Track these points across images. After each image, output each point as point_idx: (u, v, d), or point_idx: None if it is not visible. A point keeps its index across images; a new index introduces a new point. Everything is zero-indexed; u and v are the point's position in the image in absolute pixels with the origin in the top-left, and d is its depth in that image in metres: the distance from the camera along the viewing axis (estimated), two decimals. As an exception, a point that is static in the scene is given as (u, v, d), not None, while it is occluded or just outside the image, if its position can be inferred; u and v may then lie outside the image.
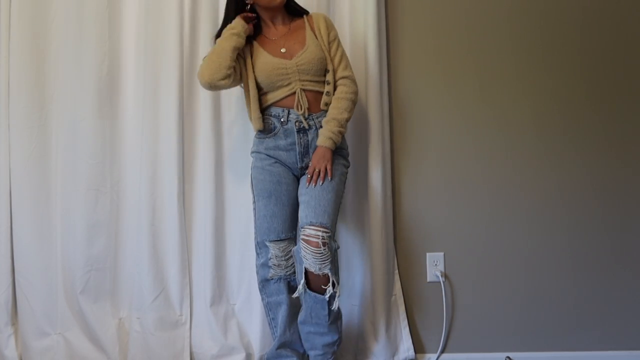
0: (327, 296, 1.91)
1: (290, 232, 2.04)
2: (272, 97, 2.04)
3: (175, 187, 2.24)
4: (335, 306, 1.94)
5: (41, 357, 2.24)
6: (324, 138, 1.98)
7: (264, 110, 2.06)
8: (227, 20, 2.04)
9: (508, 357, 2.30)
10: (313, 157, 2.00)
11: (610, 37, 2.36)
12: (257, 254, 2.07)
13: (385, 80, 2.31)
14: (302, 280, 1.92)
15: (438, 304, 2.33)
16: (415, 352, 2.30)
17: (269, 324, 2.11)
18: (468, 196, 2.35)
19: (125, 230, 2.31)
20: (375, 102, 2.25)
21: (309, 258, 1.88)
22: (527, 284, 2.34)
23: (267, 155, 2.05)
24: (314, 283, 1.92)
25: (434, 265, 2.34)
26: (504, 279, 2.34)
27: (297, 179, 2.07)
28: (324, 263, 1.87)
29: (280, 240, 2.01)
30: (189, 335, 2.25)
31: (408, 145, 2.36)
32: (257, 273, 2.08)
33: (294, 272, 2.02)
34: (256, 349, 2.24)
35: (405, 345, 2.29)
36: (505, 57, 2.36)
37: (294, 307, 2.05)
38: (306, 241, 1.89)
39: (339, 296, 1.93)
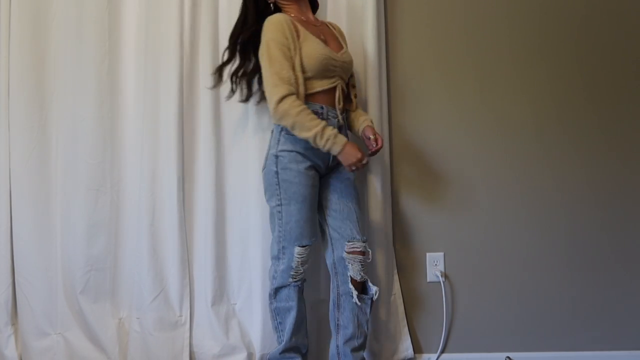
0: (374, 292, 2.02)
1: (315, 237, 2.03)
2: (315, 86, 1.97)
3: (175, 187, 2.24)
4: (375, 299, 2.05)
5: (41, 357, 2.24)
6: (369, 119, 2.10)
7: None
8: (246, 19, 2.01)
9: (508, 357, 2.30)
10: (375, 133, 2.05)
11: (609, 37, 2.37)
12: (278, 259, 2.00)
13: (384, 80, 2.31)
14: (352, 287, 1.98)
15: (438, 304, 2.33)
16: (415, 352, 2.31)
17: (275, 328, 2.06)
18: (468, 196, 2.35)
19: (125, 230, 2.30)
20: (374, 102, 2.25)
21: (355, 267, 1.99)
22: (527, 284, 2.34)
23: (304, 156, 1.96)
24: (356, 289, 2.00)
25: (434, 265, 2.34)
26: (504, 279, 2.34)
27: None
28: (366, 270, 2.01)
29: (309, 245, 1.99)
30: (188, 336, 2.25)
31: (407, 145, 2.36)
32: (274, 278, 2.01)
33: (304, 279, 2.03)
34: (257, 348, 2.24)
35: (405, 345, 2.29)
36: (504, 57, 2.37)
37: (302, 313, 2.04)
38: (353, 252, 1.99)
39: (378, 293, 2.04)
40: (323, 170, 2.04)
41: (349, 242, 2.00)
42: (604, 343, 2.32)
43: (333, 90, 2.01)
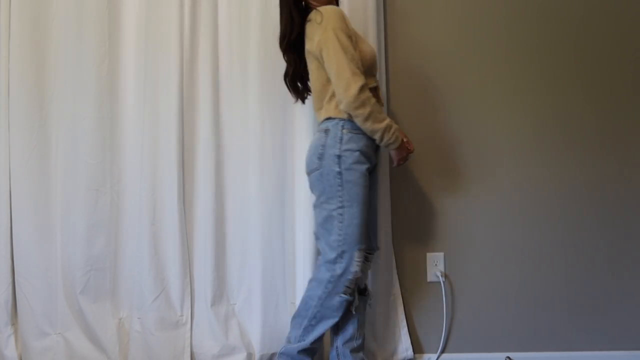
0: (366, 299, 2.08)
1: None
2: (368, 83, 1.93)
3: (175, 187, 2.24)
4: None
5: (41, 357, 2.23)
6: None
7: None
8: (293, 20, 1.96)
9: (508, 357, 2.30)
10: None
11: (605, 37, 2.37)
12: (335, 263, 1.90)
13: (384, 80, 2.31)
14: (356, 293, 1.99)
15: (438, 304, 2.33)
16: (415, 352, 2.31)
17: (300, 325, 1.97)
18: (468, 196, 2.35)
19: (125, 230, 2.30)
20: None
21: (364, 275, 2.06)
22: (527, 284, 2.34)
23: (365, 156, 1.92)
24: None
25: (434, 265, 2.34)
26: (504, 279, 2.34)
27: None
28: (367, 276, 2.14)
29: (364, 249, 1.94)
30: (189, 336, 2.25)
31: (408, 145, 2.36)
32: (329, 282, 1.91)
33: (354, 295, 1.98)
34: (257, 348, 2.24)
35: (404, 345, 2.29)
36: (503, 58, 2.37)
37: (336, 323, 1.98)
38: (367, 261, 2.05)
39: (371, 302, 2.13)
40: (371, 171, 2.02)
41: (368, 253, 2.03)
42: (604, 343, 2.32)
43: (376, 89, 2.01)
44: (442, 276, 2.33)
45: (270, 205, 2.26)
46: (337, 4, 2.12)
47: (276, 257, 2.27)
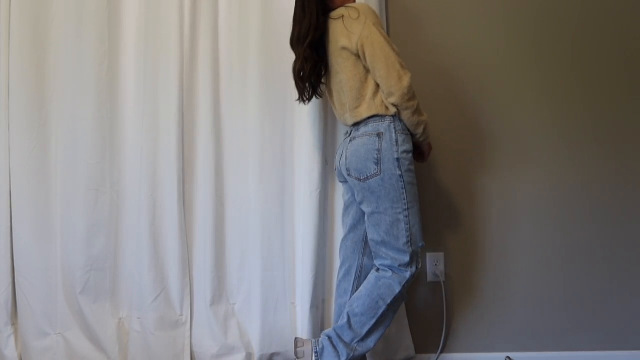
0: None
1: None
2: None
3: (175, 187, 2.24)
4: None
5: (41, 357, 2.23)
6: None
7: None
8: (318, 20, 1.93)
9: (508, 357, 2.30)
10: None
11: (603, 36, 2.37)
12: (409, 264, 1.91)
13: (385, 80, 2.31)
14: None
15: (438, 304, 2.33)
16: (415, 352, 2.31)
17: (367, 326, 1.93)
18: (468, 196, 2.35)
19: (125, 230, 2.30)
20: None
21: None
22: (527, 284, 2.34)
23: (412, 156, 1.95)
24: None
25: (434, 265, 2.34)
26: (504, 279, 2.34)
27: None
28: None
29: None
30: (189, 335, 2.25)
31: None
32: (407, 282, 1.93)
33: None
34: (256, 348, 2.24)
35: (405, 344, 2.29)
36: (503, 58, 2.37)
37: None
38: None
39: None
40: None
41: None
42: (604, 343, 2.33)
43: None
44: (442, 276, 2.33)
45: (270, 205, 2.26)
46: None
47: (276, 257, 2.27)
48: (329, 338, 1.94)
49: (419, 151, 2.07)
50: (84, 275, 2.27)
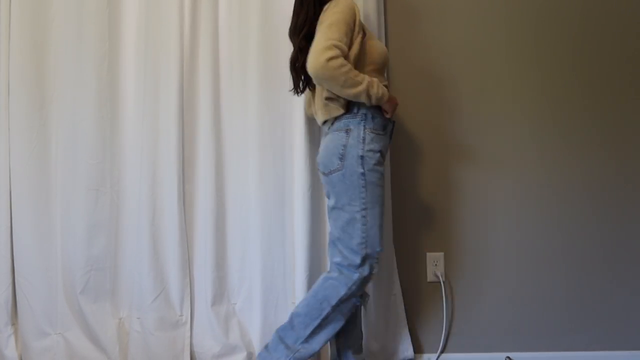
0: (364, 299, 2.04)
1: None
2: (380, 81, 1.92)
3: (175, 187, 2.24)
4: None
5: (41, 357, 2.23)
6: None
7: None
8: (314, 12, 1.91)
9: (508, 357, 2.30)
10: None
11: (603, 37, 2.37)
12: (358, 266, 1.88)
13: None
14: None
15: (438, 304, 2.33)
16: (415, 352, 2.31)
17: (310, 327, 1.89)
18: (468, 196, 2.35)
19: (125, 230, 2.30)
20: (375, 102, 2.26)
21: None
22: (527, 284, 2.34)
23: (383, 157, 1.92)
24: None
25: (434, 265, 2.34)
26: (504, 279, 2.34)
27: None
28: None
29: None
30: (189, 336, 2.25)
31: (407, 145, 2.36)
32: (350, 288, 1.88)
33: None
34: (257, 348, 2.24)
35: (405, 345, 2.29)
36: (502, 57, 2.37)
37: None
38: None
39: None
40: None
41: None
42: (603, 343, 2.33)
43: (386, 88, 1.99)
44: (442, 276, 2.33)
45: (270, 205, 2.26)
46: None
47: (276, 256, 2.27)
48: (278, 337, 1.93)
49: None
50: (84, 275, 2.27)
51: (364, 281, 1.90)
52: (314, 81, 1.87)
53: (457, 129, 2.36)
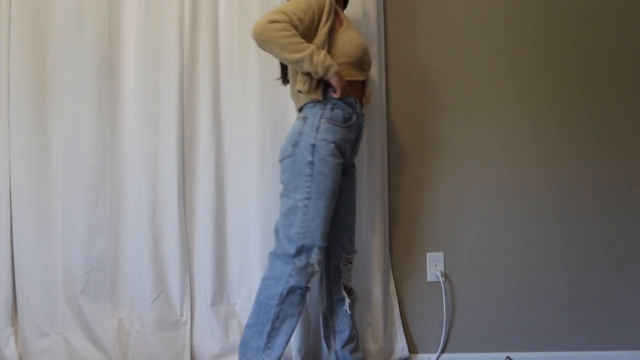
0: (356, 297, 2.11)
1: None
2: (351, 74, 1.90)
3: (175, 187, 2.24)
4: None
5: (41, 357, 2.23)
6: None
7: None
8: None
9: (508, 357, 2.30)
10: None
11: (603, 38, 2.37)
12: (293, 255, 1.83)
13: (384, 80, 2.32)
14: (346, 295, 2.04)
15: (438, 304, 2.33)
16: (416, 352, 2.31)
17: (264, 332, 1.85)
18: (468, 196, 2.35)
19: (125, 230, 2.30)
20: (374, 101, 2.26)
21: (347, 275, 2.05)
22: (527, 284, 2.34)
23: (340, 149, 1.86)
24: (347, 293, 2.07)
25: (434, 265, 2.34)
26: (504, 279, 2.34)
27: None
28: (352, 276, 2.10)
29: (324, 248, 1.87)
30: (189, 336, 2.25)
31: (407, 145, 2.36)
32: (290, 277, 1.83)
33: None
34: (256, 349, 2.24)
35: (400, 345, 2.30)
36: (503, 57, 2.37)
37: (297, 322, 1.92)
38: (347, 265, 2.04)
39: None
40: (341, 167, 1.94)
41: (347, 254, 2.03)
42: (604, 343, 2.33)
43: (362, 84, 1.97)
44: (442, 276, 2.33)
45: (270, 205, 2.26)
46: (345, 4, 2.12)
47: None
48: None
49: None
50: (84, 275, 2.27)
51: (302, 273, 1.83)
52: (257, 45, 1.80)
53: (457, 128, 2.36)
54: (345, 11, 2.27)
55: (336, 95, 1.86)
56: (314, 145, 1.83)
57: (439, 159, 2.36)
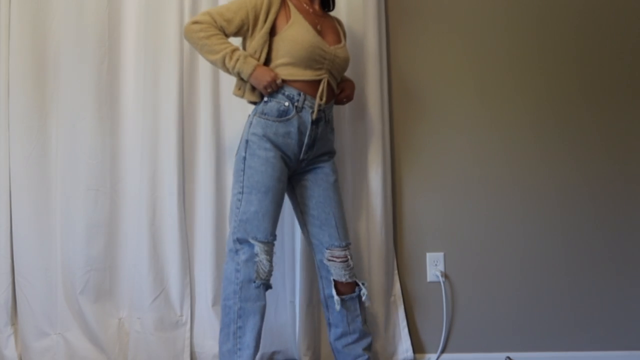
0: (361, 293, 2.00)
1: (275, 234, 1.91)
2: (294, 74, 1.88)
3: (175, 187, 2.24)
4: (366, 302, 2.03)
5: (41, 357, 2.23)
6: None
7: None
8: None
9: (508, 357, 2.30)
10: (350, 87, 2.06)
11: (604, 38, 2.37)
12: (236, 250, 1.86)
13: (385, 80, 2.31)
14: (334, 292, 1.96)
15: (438, 304, 2.33)
16: (415, 352, 2.31)
17: (230, 334, 1.86)
18: (468, 196, 2.35)
19: (125, 230, 2.30)
20: (375, 102, 2.26)
21: (338, 271, 1.96)
22: (527, 283, 2.34)
23: (273, 143, 1.86)
24: (342, 290, 1.98)
25: (434, 265, 2.34)
26: (504, 279, 2.34)
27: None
28: (351, 272, 1.98)
29: (268, 242, 1.86)
30: (189, 336, 2.25)
31: (408, 145, 2.36)
32: (237, 271, 1.85)
33: (271, 276, 1.90)
34: (257, 349, 2.24)
35: (404, 345, 2.29)
36: (503, 58, 2.37)
37: (263, 319, 1.90)
38: (333, 260, 1.96)
39: (364, 293, 2.01)
40: (293, 164, 1.93)
41: (327, 249, 1.96)
42: (604, 343, 2.32)
43: (318, 83, 1.91)
44: (442, 276, 2.33)
45: (270, 205, 2.26)
46: (333, 5, 2.10)
47: (277, 256, 2.26)
48: None
49: None
50: (83, 275, 2.27)
51: (248, 265, 1.84)
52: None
53: (457, 128, 2.36)
54: (345, 10, 2.28)
55: (265, 94, 1.88)
56: (247, 141, 1.88)
57: (439, 159, 2.36)
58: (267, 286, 1.89)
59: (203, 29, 1.84)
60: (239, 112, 2.30)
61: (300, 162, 1.95)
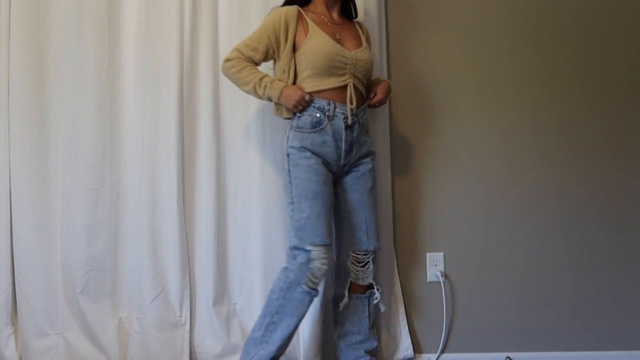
0: (374, 297, 2.07)
1: (331, 238, 1.97)
2: (320, 84, 1.95)
3: (175, 187, 2.24)
4: (374, 302, 2.07)
5: (41, 357, 2.23)
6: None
7: None
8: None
9: (508, 357, 2.30)
10: (383, 89, 2.07)
11: (604, 38, 2.37)
12: (293, 256, 1.92)
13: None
14: (347, 292, 2.04)
15: (438, 304, 2.33)
16: (415, 352, 2.31)
17: (264, 324, 1.93)
18: (468, 196, 2.35)
19: (125, 230, 2.30)
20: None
21: (358, 274, 2.05)
22: (527, 284, 2.34)
23: (313, 152, 1.94)
24: (355, 290, 2.07)
25: (434, 265, 2.34)
26: (504, 279, 2.34)
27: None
28: (370, 276, 2.06)
29: (325, 245, 1.90)
30: (188, 337, 2.25)
31: (408, 145, 2.36)
32: (290, 271, 1.90)
33: (319, 282, 1.94)
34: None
35: (404, 345, 2.29)
36: (503, 58, 2.37)
37: (298, 325, 1.95)
38: (357, 262, 2.04)
39: (377, 297, 2.07)
40: (336, 169, 2.00)
41: (353, 252, 2.04)
42: (604, 343, 2.33)
43: (345, 89, 1.97)
44: (442, 276, 2.33)
45: (270, 204, 2.26)
46: (355, 14, 2.12)
47: (277, 256, 2.26)
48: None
49: None
50: (84, 275, 2.27)
51: (302, 269, 1.89)
52: None
53: (457, 128, 2.36)
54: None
55: (297, 111, 1.96)
56: (288, 155, 1.97)
57: (440, 159, 2.36)
58: (313, 295, 1.92)
59: (234, 65, 1.97)
60: (239, 112, 2.30)
61: (343, 167, 2.01)
